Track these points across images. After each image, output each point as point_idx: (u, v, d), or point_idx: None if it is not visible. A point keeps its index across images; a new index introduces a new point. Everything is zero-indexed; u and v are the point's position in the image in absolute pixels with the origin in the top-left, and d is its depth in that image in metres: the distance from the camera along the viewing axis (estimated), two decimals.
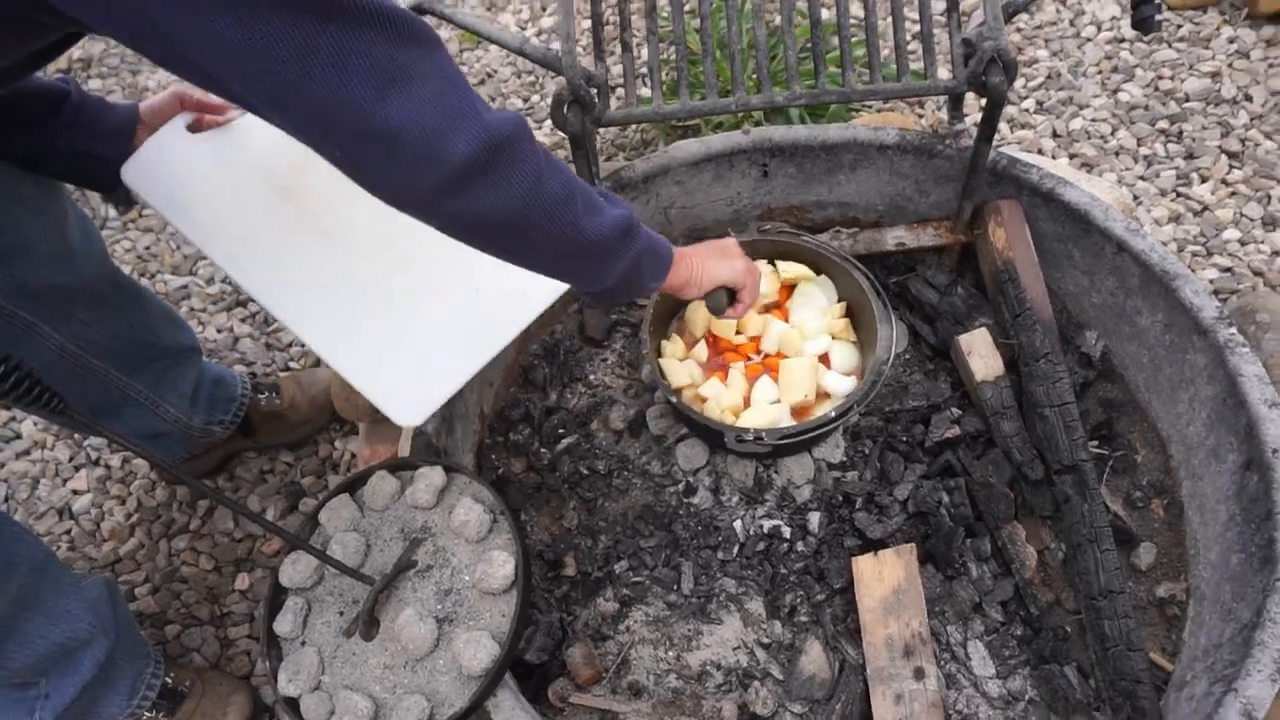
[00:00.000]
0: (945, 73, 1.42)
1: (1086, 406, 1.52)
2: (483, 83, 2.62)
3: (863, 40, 2.06)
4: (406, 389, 1.18)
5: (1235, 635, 1.19)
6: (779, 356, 1.49)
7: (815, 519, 1.44)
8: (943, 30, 2.26)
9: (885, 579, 1.33)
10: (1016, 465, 1.43)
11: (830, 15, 2.40)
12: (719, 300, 1.30)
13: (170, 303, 2.06)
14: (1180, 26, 2.47)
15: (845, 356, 1.49)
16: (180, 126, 1.24)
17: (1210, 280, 1.93)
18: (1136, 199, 2.09)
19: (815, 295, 1.55)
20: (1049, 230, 1.59)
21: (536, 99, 2.55)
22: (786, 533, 1.44)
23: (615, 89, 2.38)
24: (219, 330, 2.07)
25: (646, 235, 1.09)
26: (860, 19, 2.30)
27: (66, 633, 1.21)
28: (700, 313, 1.54)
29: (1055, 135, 2.25)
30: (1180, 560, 1.42)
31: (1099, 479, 1.42)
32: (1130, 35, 2.45)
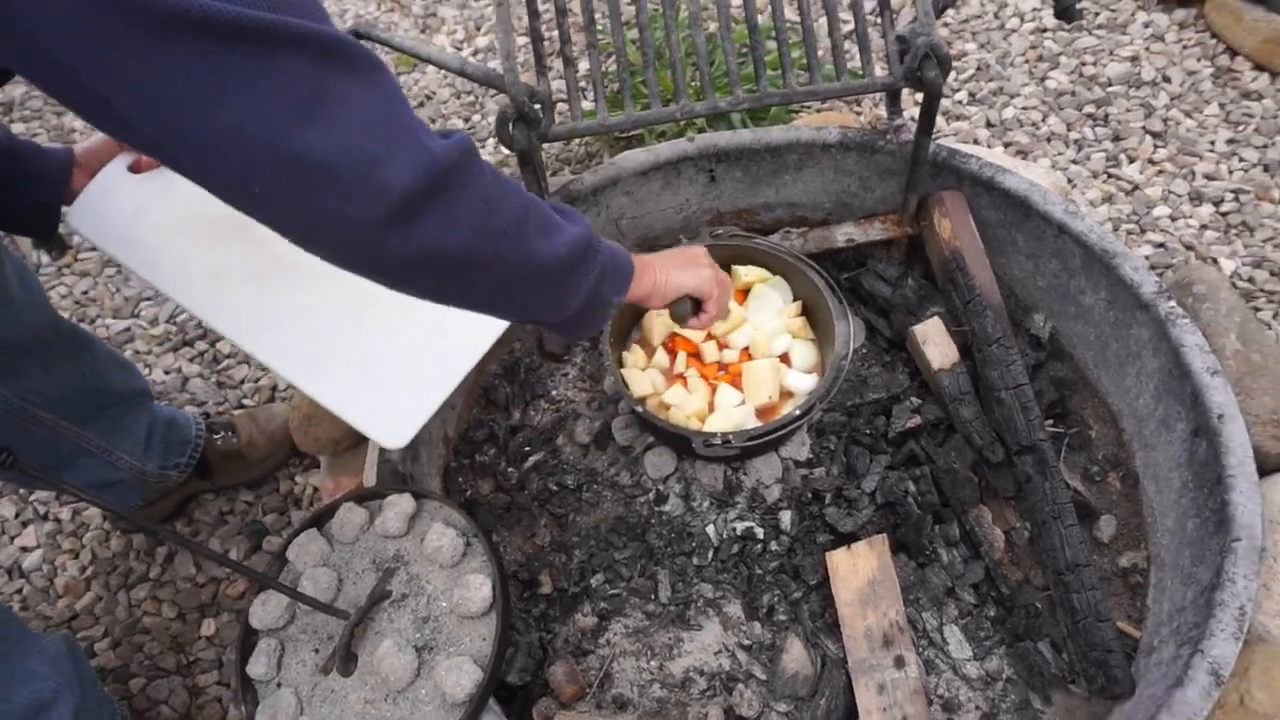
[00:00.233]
0: (880, 70, 1.45)
1: (1040, 387, 1.55)
2: (421, 105, 2.60)
3: (799, 42, 2.09)
4: (388, 411, 1.17)
5: (1197, 598, 1.23)
6: (743, 358, 1.50)
7: (787, 517, 1.45)
8: (876, 29, 2.31)
9: (860, 571, 1.35)
10: (978, 449, 1.46)
11: (766, 19, 2.44)
12: (683, 309, 1.26)
13: (114, 346, 2.00)
14: (1098, 14, 2.56)
15: (805, 354, 1.51)
16: (121, 167, 1.21)
17: (1146, 256, 2.00)
18: (1071, 182, 2.15)
19: (771, 296, 1.56)
20: (992, 218, 1.63)
21: (477, 119, 2.54)
22: (759, 533, 1.44)
23: (558, 104, 2.39)
24: (167, 371, 2.02)
25: (607, 249, 1.03)
26: (795, 21, 2.34)
27: (33, 693, 1.16)
28: (658, 321, 1.55)
29: (989, 125, 2.32)
30: (1139, 530, 1.46)
31: (1057, 457, 1.45)
32: (1052, 24, 2.53)
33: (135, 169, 1.22)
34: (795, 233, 1.72)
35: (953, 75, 2.45)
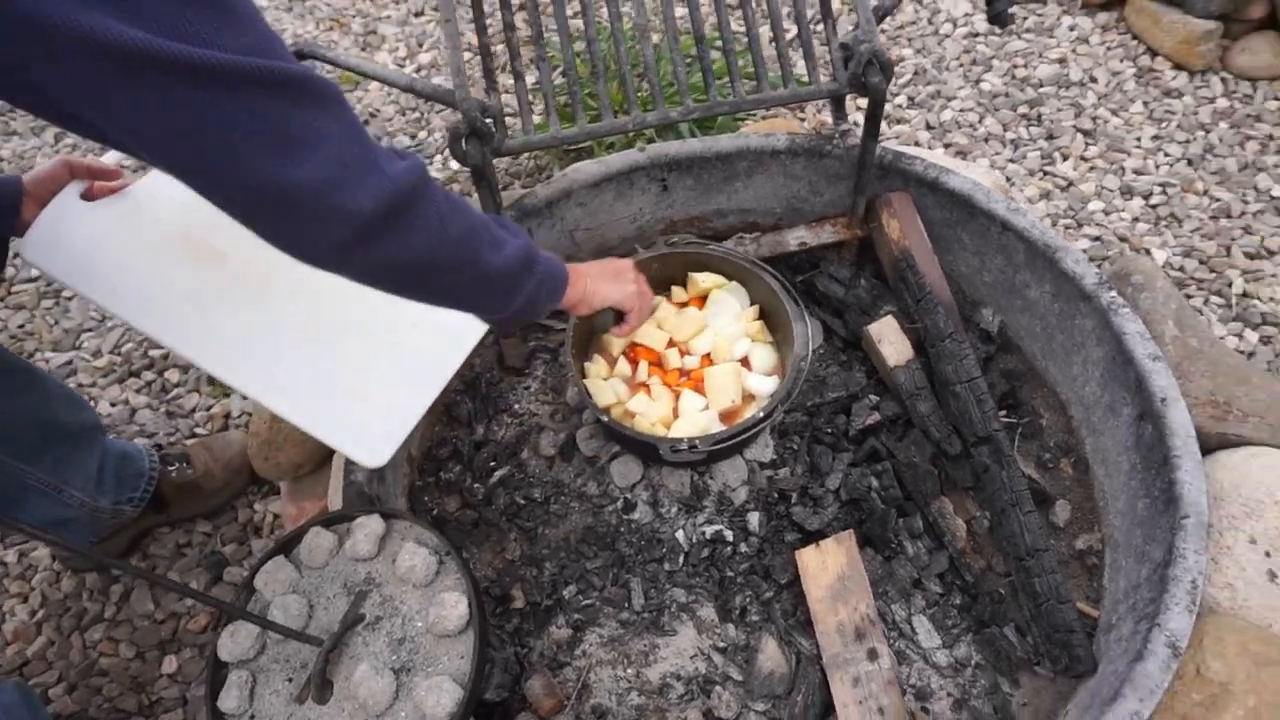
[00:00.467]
0: (825, 77, 1.49)
1: (991, 379, 1.60)
2: (367, 122, 2.58)
3: (744, 51, 2.12)
4: (367, 431, 1.18)
5: (1151, 575, 1.27)
6: (704, 364, 1.52)
7: (754, 519, 1.47)
8: (819, 38, 2.36)
9: (829, 567, 1.37)
10: (936, 442, 1.50)
11: (710, 29, 2.47)
12: (606, 320, 1.37)
13: None
14: (1026, 18, 2.65)
15: (764, 357, 1.53)
16: (74, 196, 1.17)
17: (1084, 250, 2.07)
18: (1009, 180, 2.22)
19: (729, 301, 1.58)
20: (937, 217, 1.68)
21: (424, 135, 2.53)
22: (729, 536, 1.46)
23: (508, 118, 2.38)
24: (113, 404, 1.96)
25: (545, 260, 1.18)
26: (739, 31, 2.37)
27: None
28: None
29: (929, 127, 2.38)
30: (1092, 513, 1.51)
31: (1012, 446, 1.50)
32: (984, 29, 2.61)
33: (88, 196, 1.18)
34: (748, 238, 1.75)
35: (892, 80, 2.52)
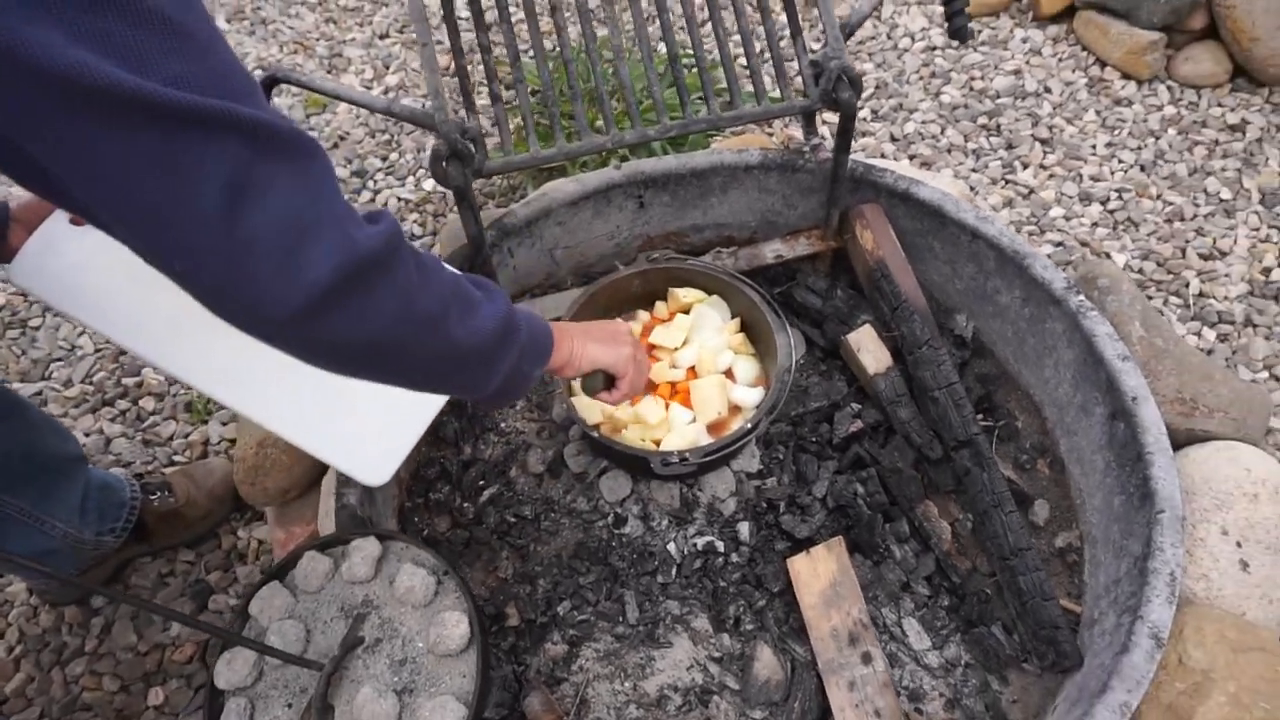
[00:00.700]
0: (796, 93, 1.52)
1: (967, 384, 1.64)
2: (336, 146, 2.57)
3: (717, 63, 2.16)
4: (368, 450, 1.18)
5: (1130, 569, 1.32)
6: (689, 376, 1.54)
7: (745, 529, 1.49)
8: (787, 56, 2.41)
9: (821, 574, 1.39)
10: (917, 447, 1.53)
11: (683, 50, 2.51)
12: (594, 382, 1.25)
13: None
14: (981, 31, 2.73)
15: (747, 369, 1.56)
16: (62, 220, 1.16)
17: (1048, 255, 2.13)
18: (973, 189, 2.29)
19: (710, 315, 1.61)
20: (909, 227, 1.72)
21: (395, 156, 2.53)
22: (720, 546, 1.48)
23: (487, 139, 2.40)
24: (87, 433, 1.93)
25: (526, 324, 1.01)
26: (712, 50, 2.42)
27: None
28: None
29: (894, 139, 2.44)
30: (1070, 511, 1.55)
31: (991, 449, 1.54)
32: (941, 42, 2.69)
33: (77, 221, 1.18)
34: (725, 252, 1.78)
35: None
